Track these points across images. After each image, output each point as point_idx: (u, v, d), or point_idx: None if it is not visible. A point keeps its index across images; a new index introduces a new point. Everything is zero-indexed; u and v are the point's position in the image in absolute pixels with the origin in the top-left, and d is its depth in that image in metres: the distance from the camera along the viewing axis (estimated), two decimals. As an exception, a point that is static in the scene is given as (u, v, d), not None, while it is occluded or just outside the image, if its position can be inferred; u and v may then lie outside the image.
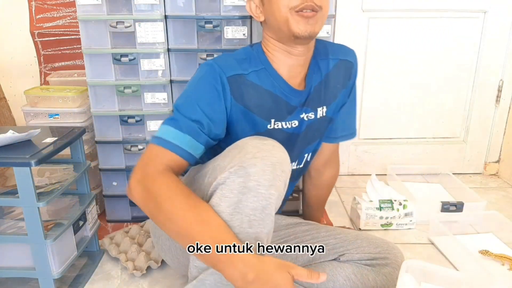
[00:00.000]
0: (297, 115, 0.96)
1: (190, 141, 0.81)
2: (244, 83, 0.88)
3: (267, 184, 0.72)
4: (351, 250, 1.00)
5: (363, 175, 1.87)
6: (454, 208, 1.42)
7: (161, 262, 1.18)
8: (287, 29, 0.85)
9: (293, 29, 0.84)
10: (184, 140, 0.81)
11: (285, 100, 0.93)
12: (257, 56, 0.92)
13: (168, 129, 0.82)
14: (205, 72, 0.86)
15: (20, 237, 0.98)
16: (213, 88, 0.85)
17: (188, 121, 0.82)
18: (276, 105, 0.92)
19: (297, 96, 0.94)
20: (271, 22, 0.88)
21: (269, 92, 0.91)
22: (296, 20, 0.83)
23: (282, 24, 0.85)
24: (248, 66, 0.89)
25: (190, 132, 0.82)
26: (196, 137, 0.82)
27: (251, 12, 0.91)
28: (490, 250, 1.23)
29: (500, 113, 1.82)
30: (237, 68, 0.88)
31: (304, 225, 1.10)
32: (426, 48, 1.72)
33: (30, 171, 0.92)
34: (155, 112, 1.31)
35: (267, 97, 0.91)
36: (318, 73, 0.97)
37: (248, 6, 0.91)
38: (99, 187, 1.46)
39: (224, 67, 0.86)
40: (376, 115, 1.82)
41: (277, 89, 0.91)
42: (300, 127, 0.97)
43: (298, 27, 0.84)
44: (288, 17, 0.83)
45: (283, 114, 0.94)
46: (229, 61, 0.88)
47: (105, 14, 1.22)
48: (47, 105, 1.39)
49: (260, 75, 0.90)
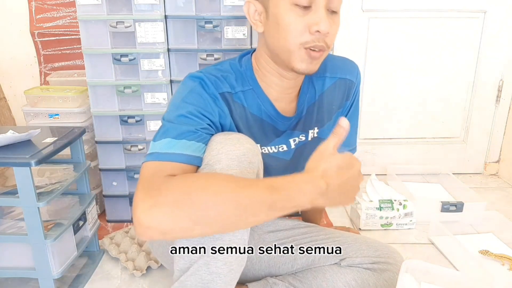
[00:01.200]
0: (285, 139, 0.90)
1: (187, 144, 0.73)
2: (233, 102, 0.82)
3: None
4: (351, 254, 0.98)
5: (363, 175, 1.87)
6: (454, 208, 1.42)
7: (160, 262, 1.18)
8: (287, 61, 0.77)
9: (294, 64, 0.77)
10: (183, 146, 0.72)
11: (272, 125, 0.87)
12: (245, 74, 0.84)
13: (160, 142, 0.73)
14: (196, 85, 0.78)
15: (20, 237, 0.98)
16: (206, 96, 0.78)
17: (180, 126, 0.74)
18: (261, 130, 0.86)
19: (285, 121, 0.88)
20: (271, 42, 0.79)
21: (254, 116, 0.84)
22: (300, 57, 0.76)
23: (283, 53, 0.77)
24: (235, 85, 0.82)
25: (186, 135, 0.73)
26: (195, 138, 0.74)
27: (248, 16, 0.80)
28: (490, 250, 1.23)
29: (500, 113, 1.82)
30: (226, 86, 0.81)
31: (303, 227, 1.09)
32: (426, 48, 1.72)
33: (30, 171, 0.92)
34: (155, 112, 1.31)
35: (253, 121, 0.84)
36: (312, 93, 0.90)
37: (246, 8, 0.80)
38: (99, 187, 1.46)
39: (214, 82, 0.79)
40: (376, 115, 1.82)
41: (263, 113, 0.85)
42: (289, 152, 0.91)
43: (301, 65, 0.77)
44: (293, 51, 0.75)
45: (269, 138, 0.88)
46: (217, 77, 0.81)
47: (105, 14, 1.22)
48: (47, 105, 1.39)
49: (247, 96, 0.83)
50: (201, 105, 0.77)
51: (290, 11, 0.74)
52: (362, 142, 1.86)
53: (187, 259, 0.73)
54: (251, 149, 0.73)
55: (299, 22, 0.73)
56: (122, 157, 1.37)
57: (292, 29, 0.74)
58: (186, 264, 0.73)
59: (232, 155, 0.70)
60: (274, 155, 0.90)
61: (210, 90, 0.79)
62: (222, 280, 0.72)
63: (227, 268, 0.72)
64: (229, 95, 0.81)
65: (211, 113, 0.77)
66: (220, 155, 0.70)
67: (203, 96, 0.78)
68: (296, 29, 0.74)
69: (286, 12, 0.74)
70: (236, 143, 0.71)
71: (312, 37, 0.74)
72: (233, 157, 0.70)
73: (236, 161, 0.70)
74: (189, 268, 0.72)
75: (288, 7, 0.74)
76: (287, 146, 0.91)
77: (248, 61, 0.86)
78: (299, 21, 0.73)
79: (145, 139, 1.35)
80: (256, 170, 0.74)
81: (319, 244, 1.01)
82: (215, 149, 0.71)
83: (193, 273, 0.72)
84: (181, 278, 0.74)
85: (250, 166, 0.72)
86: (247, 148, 0.72)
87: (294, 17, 0.73)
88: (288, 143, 0.91)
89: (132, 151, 1.35)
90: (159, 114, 1.31)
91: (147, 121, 1.32)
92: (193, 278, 0.73)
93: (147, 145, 1.35)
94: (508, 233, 1.33)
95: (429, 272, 0.97)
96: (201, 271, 0.72)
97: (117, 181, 1.40)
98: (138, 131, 1.35)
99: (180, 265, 0.74)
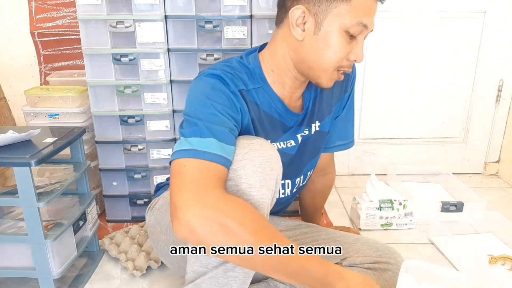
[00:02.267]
0: (293, 134, 0.93)
1: (223, 147, 0.72)
2: (248, 99, 0.84)
3: (258, 186, 0.71)
4: (352, 253, 0.99)
5: (363, 175, 1.87)
6: (454, 208, 1.42)
7: (161, 262, 1.18)
8: (316, 76, 0.82)
9: (321, 81, 0.83)
10: (222, 148, 0.71)
11: (281, 121, 0.90)
12: (254, 73, 0.86)
13: (196, 140, 0.71)
14: (216, 83, 0.79)
15: (20, 237, 0.98)
16: (229, 93, 0.79)
17: (212, 125, 0.73)
18: (272, 127, 0.89)
19: (294, 117, 0.91)
20: (308, 54, 0.81)
21: (265, 113, 0.87)
22: (330, 77, 0.82)
23: (316, 68, 0.81)
24: (248, 83, 0.84)
25: (221, 137, 0.72)
26: (227, 141, 0.73)
27: (291, 17, 0.79)
28: (494, 254, 1.21)
29: (500, 113, 1.82)
30: (241, 83, 0.82)
31: (304, 228, 1.09)
32: (426, 48, 1.72)
33: (30, 171, 0.92)
34: (155, 112, 1.31)
35: (264, 118, 0.87)
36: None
37: (295, 11, 0.78)
38: (99, 187, 1.46)
39: (231, 79, 0.80)
40: (376, 115, 1.82)
41: (273, 110, 0.88)
42: (297, 146, 0.95)
43: (328, 83, 0.83)
44: (328, 71, 0.81)
45: (279, 134, 0.91)
46: (233, 74, 0.82)
47: (105, 14, 1.22)
48: (47, 105, 1.39)
49: (258, 94, 0.86)
50: (226, 103, 0.78)
51: (342, 37, 0.78)
52: (362, 142, 1.86)
53: (205, 262, 0.73)
54: (273, 155, 0.75)
55: (345, 48, 0.79)
56: (122, 157, 1.37)
57: (338, 53, 0.79)
58: (203, 268, 0.73)
59: (256, 162, 0.72)
60: (283, 150, 0.92)
61: (231, 87, 0.80)
62: (237, 284, 0.74)
63: (243, 272, 0.74)
64: (245, 92, 0.83)
65: (235, 112, 0.79)
66: (245, 161, 0.72)
67: (226, 93, 0.79)
68: (341, 54, 0.79)
69: (338, 36, 0.78)
70: (260, 149, 0.74)
71: (347, 63, 0.81)
72: (257, 163, 0.72)
73: (260, 167, 0.72)
74: (206, 272, 0.73)
75: (341, 32, 0.78)
76: (295, 142, 0.94)
77: (255, 59, 0.87)
78: (346, 48, 0.79)
79: (145, 139, 1.35)
80: (276, 176, 0.76)
81: (319, 244, 1.02)
82: (239, 154, 0.73)
83: (211, 277, 0.73)
84: (196, 281, 0.74)
85: (272, 173, 0.74)
86: (270, 154, 0.74)
87: (344, 44, 0.78)
88: (296, 138, 0.94)
89: (132, 151, 1.35)
90: (159, 114, 1.31)
91: (147, 121, 1.32)
92: (209, 281, 0.74)
93: (147, 145, 1.35)
94: (508, 233, 1.33)
95: (429, 272, 0.97)
96: (218, 276, 0.73)
97: (117, 181, 1.40)
98: (138, 131, 1.35)
99: (196, 267, 0.74)
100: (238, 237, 0.63)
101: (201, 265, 0.74)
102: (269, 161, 0.73)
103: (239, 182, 0.71)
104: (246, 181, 0.71)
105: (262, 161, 0.72)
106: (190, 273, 0.76)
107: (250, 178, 0.71)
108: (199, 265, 0.74)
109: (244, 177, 0.71)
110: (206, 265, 0.73)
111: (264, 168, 0.72)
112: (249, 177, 0.71)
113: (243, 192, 0.71)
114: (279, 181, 0.78)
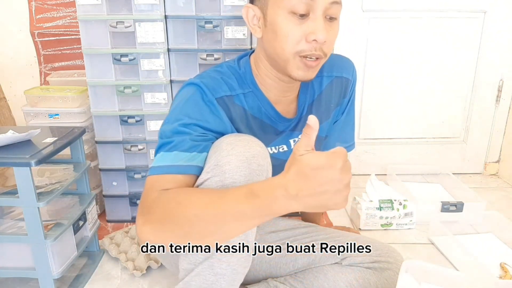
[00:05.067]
0: (285, 139, 0.91)
1: (179, 155, 0.73)
2: (232, 105, 0.82)
3: (243, 180, 0.69)
4: (352, 253, 0.99)
5: (363, 175, 1.87)
6: (454, 208, 1.42)
7: (161, 262, 1.18)
8: (284, 68, 0.78)
9: (291, 72, 0.78)
10: (175, 157, 0.73)
11: (272, 126, 0.88)
12: (245, 77, 0.84)
13: (156, 157, 0.74)
14: (193, 93, 0.79)
15: (20, 237, 0.98)
16: (202, 104, 0.78)
17: (173, 139, 0.74)
18: (263, 132, 0.87)
19: (285, 122, 0.89)
20: (268, 49, 0.79)
21: (254, 117, 0.85)
22: (297, 66, 0.77)
23: (280, 61, 0.78)
24: (236, 87, 0.82)
25: (177, 147, 0.73)
26: (185, 148, 0.73)
27: (246, 20, 0.81)
28: (507, 263, 1.19)
29: (500, 113, 1.82)
30: (224, 89, 0.81)
31: (303, 227, 1.09)
32: (426, 48, 1.72)
33: (30, 171, 0.92)
34: (155, 112, 1.31)
35: (252, 122, 0.85)
36: (311, 93, 0.91)
37: (245, 12, 0.80)
38: (99, 187, 1.46)
39: (211, 87, 0.79)
40: (376, 115, 1.82)
41: (264, 115, 0.86)
42: (289, 152, 0.91)
43: (298, 73, 0.77)
44: (289, 59, 0.76)
45: (270, 139, 0.88)
46: (216, 81, 0.81)
47: (105, 14, 1.22)
48: (47, 105, 1.39)
49: (247, 98, 0.84)
50: (197, 115, 0.77)
51: (287, 20, 0.73)
52: (362, 142, 1.86)
53: (192, 259, 0.73)
54: (261, 152, 0.73)
55: (295, 31, 0.73)
56: (122, 157, 1.37)
57: (288, 38, 0.74)
58: (190, 265, 0.73)
59: (242, 157, 0.69)
60: (274, 155, 0.90)
61: (207, 97, 0.79)
62: (226, 281, 0.73)
63: (230, 268, 0.72)
64: (228, 98, 0.81)
65: (207, 121, 0.77)
66: (230, 157, 0.69)
67: (199, 104, 0.78)
68: (292, 38, 0.74)
69: (283, 20, 0.74)
70: (246, 145, 0.71)
71: (309, 46, 0.74)
72: (243, 158, 0.69)
73: (246, 162, 0.69)
74: (193, 269, 0.73)
75: (285, 15, 0.73)
76: (287, 147, 0.92)
77: (246, 63, 0.86)
78: (296, 30, 0.73)
79: (145, 139, 1.35)
80: (265, 173, 0.73)
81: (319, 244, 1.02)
82: (225, 150, 0.70)
83: (197, 273, 0.73)
84: (186, 279, 0.74)
85: (259, 169, 0.71)
86: (257, 150, 0.72)
87: (291, 26, 0.73)
88: (288, 143, 0.92)
89: (132, 151, 1.35)
90: (159, 114, 1.31)
91: (147, 121, 1.32)
92: (197, 278, 0.73)
93: (147, 145, 1.35)
94: (508, 233, 1.33)
95: (429, 272, 0.97)
96: (205, 272, 0.72)
97: (117, 181, 1.40)
98: (138, 131, 1.35)
99: (185, 265, 0.75)
100: (169, 218, 0.65)
101: (189, 262, 0.73)
102: (256, 156, 0.71)
103: (223, 178, 0.69)
104: (231, 176, 0.69)
105: (248, 157, 0.70)
106: (181, 272, 0.76)
107: (235, 173, 0.69)
108: (187, 263, 0.74)
109: (229, 172, 0.69)
110: (194, 262, 0.73)
111: (250, 163, 0.70)
112: (234, 172, 0.69)
113: (228, 187, 0.69)
114: (269, 177, 0.76)
